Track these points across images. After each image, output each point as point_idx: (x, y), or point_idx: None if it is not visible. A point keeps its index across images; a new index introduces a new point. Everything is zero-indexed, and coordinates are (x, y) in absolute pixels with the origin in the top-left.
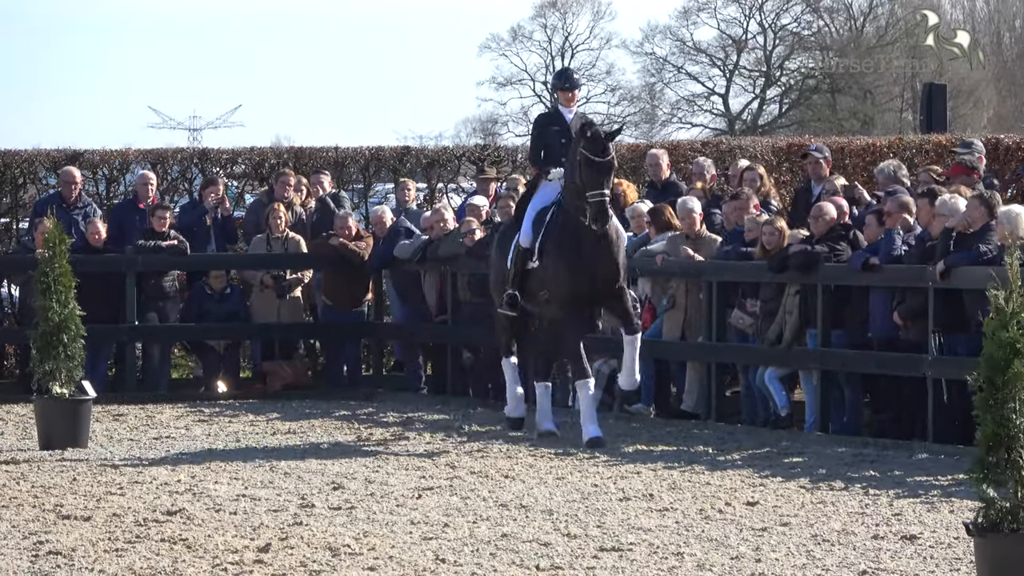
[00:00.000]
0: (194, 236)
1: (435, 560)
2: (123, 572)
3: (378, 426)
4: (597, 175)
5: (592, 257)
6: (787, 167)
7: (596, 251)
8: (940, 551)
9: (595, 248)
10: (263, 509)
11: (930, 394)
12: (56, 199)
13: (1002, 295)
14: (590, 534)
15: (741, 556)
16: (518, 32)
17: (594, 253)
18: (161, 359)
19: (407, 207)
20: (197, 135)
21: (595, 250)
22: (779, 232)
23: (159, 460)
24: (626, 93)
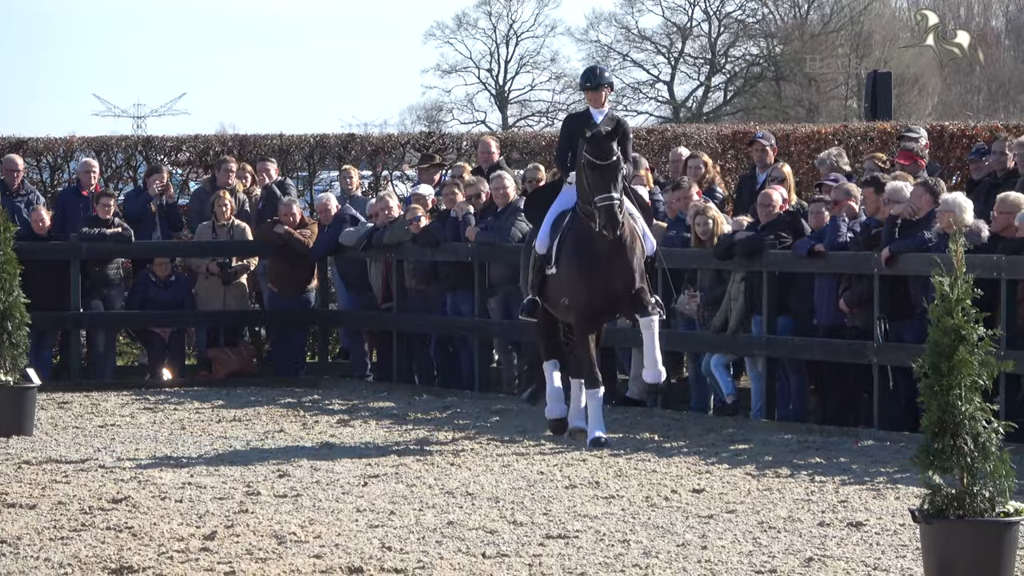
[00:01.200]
0: (139, 224)
1: (381, 548)
2: (69, 560)
3: (324, 413)
4: (602, 179)
5: (607, 264)
6: (732, 154)
7: (610, 258)
8: (886, 538)
9: (610, 255)
10: (209, 497)
11: (875, 381)
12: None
13: (947, 281)
14: (536, 521)
15: (687, 543)
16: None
17: (609, 260)
18: (106, 347)
19: (352, 194)
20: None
21: (609, 257)
22: (712, 221)
23: (104, 448)
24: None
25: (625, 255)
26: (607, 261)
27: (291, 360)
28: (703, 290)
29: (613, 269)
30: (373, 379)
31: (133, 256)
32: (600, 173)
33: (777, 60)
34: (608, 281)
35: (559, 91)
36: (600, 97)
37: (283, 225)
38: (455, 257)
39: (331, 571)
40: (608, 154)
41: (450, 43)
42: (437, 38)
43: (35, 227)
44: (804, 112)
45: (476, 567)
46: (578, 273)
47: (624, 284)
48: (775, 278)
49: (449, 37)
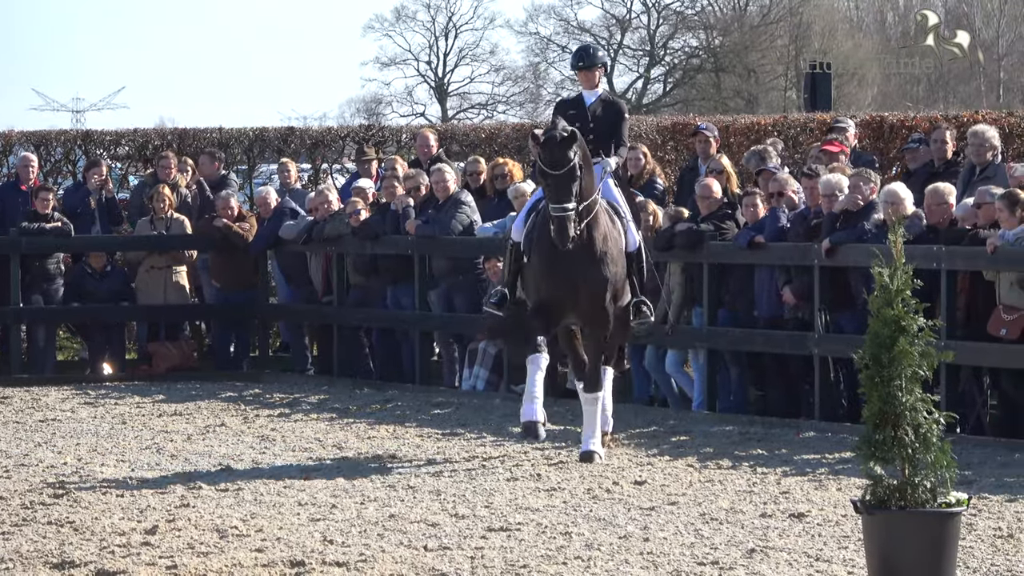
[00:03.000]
0: (78, 218)
1: (323, 541)
2: (10, 555)
3: (265, 407)
4: (554, 188)
5: (571, 267)
6: (672, 146)
7: (576, 262)
8: (828, 529)
9: (576, 259)
10: (150, 491)
11: (816, 372)
12: None
13: (887, 272)
14: (478, 514)
15: (629, 535)
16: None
17: (574, 264)
18: (46, 341)
19: (291, 188)
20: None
21: (575, 261)
22: (652, 215)
23: (45, 443)
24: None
25: (594, 264)
26: (572, 264)
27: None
28: None
29: (578, 275)
30: (314, 373)
31: (73, 250)
32: (553, 182)
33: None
34: (571, 285)
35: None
36: (593, 78)
37: (221, 219)
38: (395, 250)
39: (273, 565)
40: (560, 163)
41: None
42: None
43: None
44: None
45: (418, 560)
46: (538, 269)
47: (589, 295)
48: (716, 270)
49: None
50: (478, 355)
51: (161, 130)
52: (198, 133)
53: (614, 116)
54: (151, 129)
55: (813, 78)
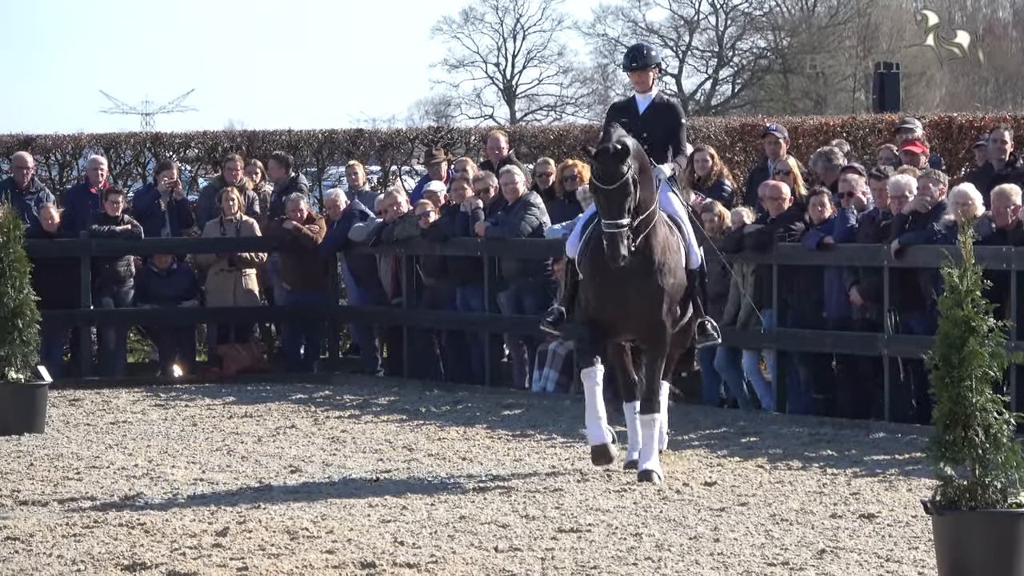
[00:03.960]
0: (148, 220)
1: (393, 542)
2: (81, 557)
3: (335, 409)
4: (606, 203)
5: (622, 278)
6: (740, 147)
7: (630, 277)
8: (898, 529)
9: (629, 273)
10: (220, 493)
11: (886, 373)
12: (9, 184)
13: (956, 273)
14: (548, 515)
15: (699, 536)
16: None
17: (627, 279)
18: (117, 343)
19: (360, 190)
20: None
21: (629, 275)
22: (719, 217)
23: (116, 445)
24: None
25: (650, 276)
26: (626, 278)
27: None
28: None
29: (632, 288)
30: (384, 374)
31: (143, 253)
32: (605, 196)
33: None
34: (625, 299)
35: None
36: (646, 79)
37: (291, 221)
38: (464, 252)
39: (344, 566)
40: (613, 177)
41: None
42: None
43: (44, 225)
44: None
45: (488, 561)
46: (591, 284)
47: (641, 311)
48: (784, 271)
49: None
50: (548, 356)
51: (230, 132)
52: (267, 135)
53: (670, 120)
54: (220, 131)
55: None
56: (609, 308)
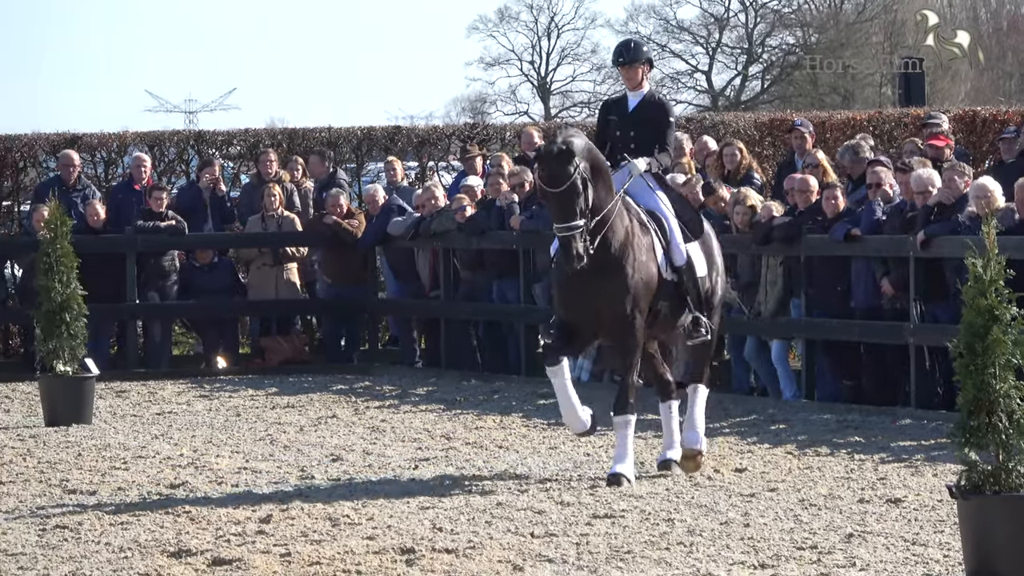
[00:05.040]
0: (191, 216)
1: (432, 529)
2: (128, 544)
3: (375, 399)
4: (556, 206)
5: (582, 281)
6: (769, 141)
7: (589, 273)
8: (924, 513)
9: (588, 271)
10: (264, 481)
11: (912, 361)
12: (56, 182)
13: (980, 263)
14: (583, 502)
15: (730, 521)
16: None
17: (587, 275)
18: (162, 336)
19: (398, 185)
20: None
21: (588, 272)
22: (751, 210)
23: (162, 435)
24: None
25: (610, 274)
26: (587, 280)
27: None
28: (737, 275)
29: (593, 290)
30: (422, 365)
31: (186, 248)
32: (554, 199)
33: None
34: (587, 302)
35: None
36: (635, 75)
37: (331, 216)
38: (500, 245)
39: (384, 552)
40: (559, 179)
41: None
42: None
43: (90, 221)
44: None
45: (525, 546)
46: (557, 287)
47: (605, 310)
48: (812, 262)
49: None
50: None
51: (271, 130)
52: (307, 133)
53: (659, 118)
54: (262, 129)
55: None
56: (575, 310)
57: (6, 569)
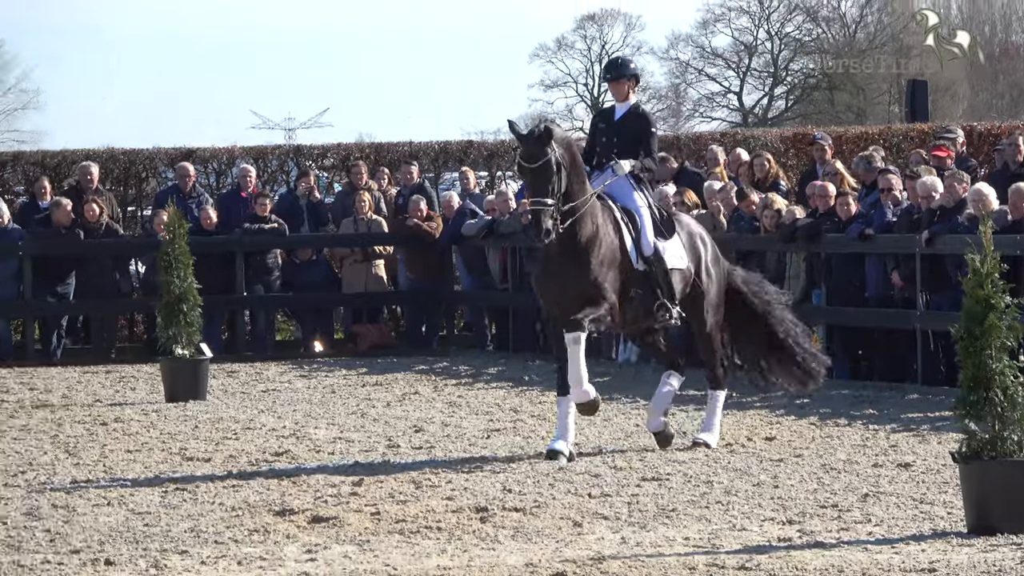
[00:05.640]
0: (291, 219)
1: (503, 490)
2: (239, 504)
3: (452, 378)
4: (531, 182)
5: (555, 272)
6: (793, 153)
7: (563, 261)
8: (930, 476)
9: (558, 261)
10: (356, 450)
11: (919, 344)
12: (174, 190)
13: (978, 259)
14: (634, 466)
15: (762, 483)
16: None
17: (561, 263)
18: (266, 324)
19: (470, 192)
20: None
21: (562, 259)
22: (775, 214)
23: (267, 410)
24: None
25: (584, 259)
26: (556, 266)
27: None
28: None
29: (569, 272)
30: (493, 348)
31: (287, 247)
32: (530, 176)
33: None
34: (559, 285)
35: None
36: (622, 89)
37: (413, 219)
38: None
39: (461, 510)
40: (535, 157)
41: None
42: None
43: (204, 224)
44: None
45: (583, 505)
46: (534, 276)
47: (576, 290)
48: (831, 258)
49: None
50: None
51: (360, 144)
52: (391, 146)
53: (641, 127)
54: (352, 143)
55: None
56: (549, 296)
57: (133, 526)
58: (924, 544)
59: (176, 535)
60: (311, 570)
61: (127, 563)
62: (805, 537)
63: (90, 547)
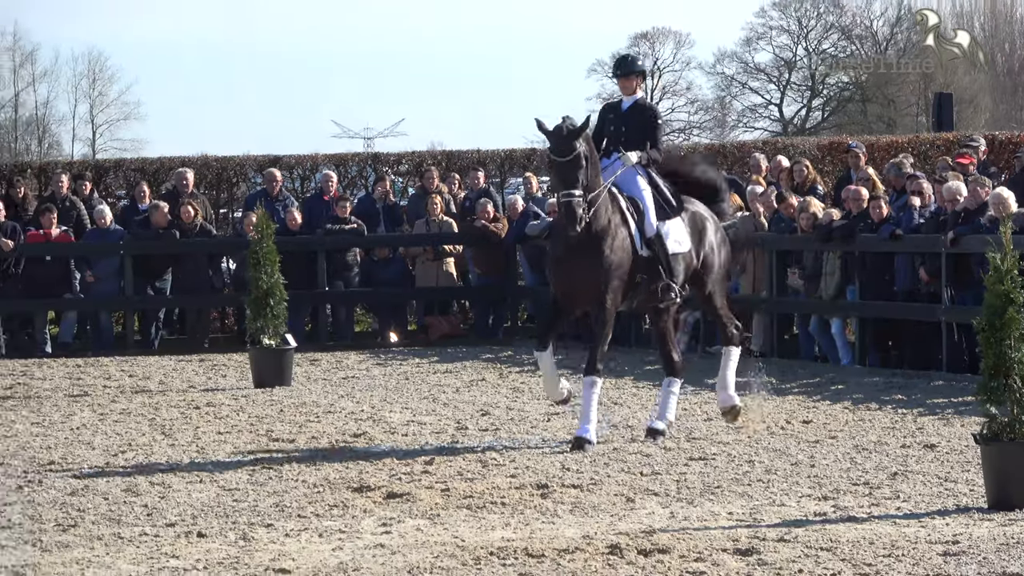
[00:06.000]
0: (369, 220)
1: (562, 469)
2: (320, 481)
3: (516, 366)
4: (559, 175)
5: (569, 260)
6: (829, 160)
7: (581, 250)
8: (954, 456)
9: (580, 247)
10: (428, 431)
11: (943, 335)
12: (262, 194)
13: (998, 257)
14: (682, 447)
15: (799, 463)
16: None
17: (578, 252)
18: (346, 317)
19: (534, 195)
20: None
21: (579, 248)
22: (812, 216)
23: (346, 395)
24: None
25: (597, 250)
26: (573, 254)
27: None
28: (804, 267)
29: (576, 266)
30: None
31: (365, 246)
32: (559, 169)
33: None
34: (571, 277)
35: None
36: (630, 84)
37: (480, 220)
38: None
39: (524, 487)
40: (565, 151)
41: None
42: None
43: (289, 225)
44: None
45: (635, 483)
46: (551, 260)
47: (587, 284)
48: (864, 256)
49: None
50: (680, 323)
51: (432, 152)
52: (461, 154)
53: (647, 119)
54: (424, 151)
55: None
56: (562, 282)
57: (224, 501)
58: (948, 518)
59: (263, 509)
60: (386, 542)
61: (218, 535)
62: (839, 512)
63: (184, 520)
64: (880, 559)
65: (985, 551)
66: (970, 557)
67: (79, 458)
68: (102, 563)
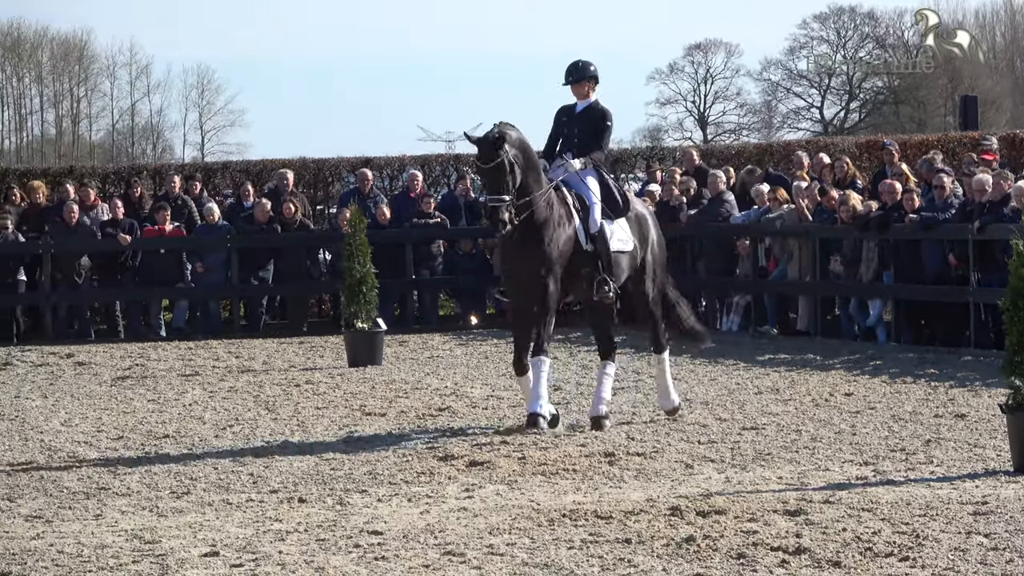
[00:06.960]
0: (451, 215)
1: (627, 439)
2: (408, 451)
3: (584, 345)
4: (487, 181)
5: (514, 253)
6: (866, 157)
7: (519, 249)
8: (982, 425)
9: (518, 245)
10: (506, 405)
11: (971, 315)
12: (355, 192)
13: (1021, 243)
14: (735, 418)
15: (842, 431)
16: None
17: (516, 250)
18: (431, 302)
19: None
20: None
21: (518, 248)
22: (851, 208)
23: (432, 372)
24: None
25: (539, 240)
26: (521, 246)
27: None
28: (844, 254)
29: (525, 252)
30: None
31: (448, 239)
32: (485, 175)
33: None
34: (522, 264)
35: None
36: (582, 89)
37: None
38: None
39: (592, 455)
40: (489, 158)
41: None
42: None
43: (379, 219)
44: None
45: (694, 450)
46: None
47: (529, 273)
48: (899, 244)
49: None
50: (732, 306)
51: None
52: None
53: (597, 122)
54: None
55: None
56: (508, 276)
57: (322, 470)
58: (977, 481)
59: (357, 477)
60: (469, 505)
61: (317, 500)
62: (878, 476)
63: (286, 487)
64: (916, 518)
65: (1012, 511)
66: (998, 516)
67: (191, 432)
68: (212, 526)
